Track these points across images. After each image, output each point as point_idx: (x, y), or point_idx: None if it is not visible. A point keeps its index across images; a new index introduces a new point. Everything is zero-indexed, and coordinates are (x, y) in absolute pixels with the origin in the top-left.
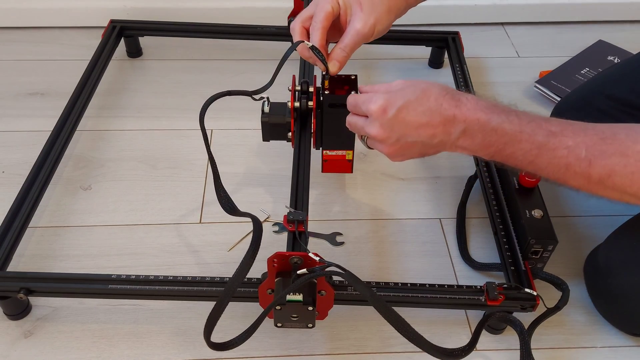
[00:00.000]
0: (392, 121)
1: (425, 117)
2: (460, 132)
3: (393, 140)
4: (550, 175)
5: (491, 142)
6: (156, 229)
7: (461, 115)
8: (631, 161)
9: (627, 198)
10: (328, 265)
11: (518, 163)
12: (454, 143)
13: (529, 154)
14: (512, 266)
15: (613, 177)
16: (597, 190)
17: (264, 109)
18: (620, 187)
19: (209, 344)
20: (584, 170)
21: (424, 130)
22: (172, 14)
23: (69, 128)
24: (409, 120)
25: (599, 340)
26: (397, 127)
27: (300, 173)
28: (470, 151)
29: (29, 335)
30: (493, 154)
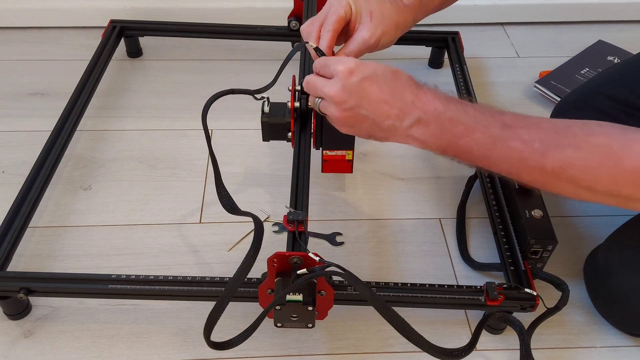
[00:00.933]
0: (354, 86)
1: (386, 95)
2: (414, 120)
3: (348, 106)
4: (504, 169)
5: (445, 133)
6: (156, 229)
7: (419, 102)
8: (585, 154)
9: (581, 192)
10: (328, 265)
11: (471, 157)
12: (406, 131)
13: (483, 147)
14: (512, 266)
15: (567, 169)
16: (552, 184)
17: (264, 109)
18: (574, 180)
19: (208, 343)
20: (538, 162)
21: (380, 107)
22: (172, 14)
23: (69, 128)
24: (370, 92)
25: (599, 340)
26: (356, 94)
27: (300, 173)
28: (422, 142)
29: (29, 335)
30: (446, 146)
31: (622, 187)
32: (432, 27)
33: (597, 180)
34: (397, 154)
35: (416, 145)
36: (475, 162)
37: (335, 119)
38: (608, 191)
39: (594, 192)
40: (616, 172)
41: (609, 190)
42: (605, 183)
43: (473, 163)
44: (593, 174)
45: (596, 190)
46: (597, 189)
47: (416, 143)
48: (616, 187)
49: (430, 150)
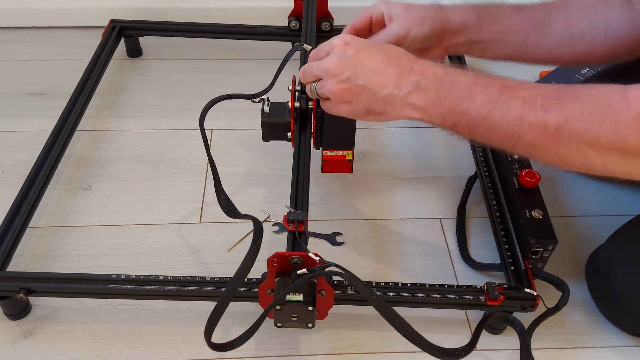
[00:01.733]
0: (351, 58)
1: (383, 64)
2: (414, 84)
3: (344, 77)
4: (504, 132)
5: (445, 98)
6: (156, 229)
7: (418, 68)
8: (587, 105)
9: (585, 151)
10: (328, 265)
11: (470, 121)
12: (404, 99)
13: (482, 108)
14: (512, 266)
15: (569, 123)
16: (553, 144)
17: (264, 109)
18: (577, 134)
19: (209, 344)
20: (539, 119)
21: (377, 75)
22: (172, 14)
23: (69, 128)
24: (366, 62)
25: (599, 340)
26: (352, 65)
27: (300, 173)
28: (421, 110)
29: (29, 335)
30: (445, 113)
31: (626, 136)
32: None
33: (601, 131)
34: (397, 154)
35: (415, 116)
36: (473, 128)
37: (332, 93)
38: (612, 143)
39: (597, 147)
40: (619, 119)
41: (613, 142)
42: (609, 133)
43: (471, 130)
44: (596, 124)
45: (600, 145)
46: (601, 141)
47: (415, 112)
48: (620, 136)
49: (428, 120)
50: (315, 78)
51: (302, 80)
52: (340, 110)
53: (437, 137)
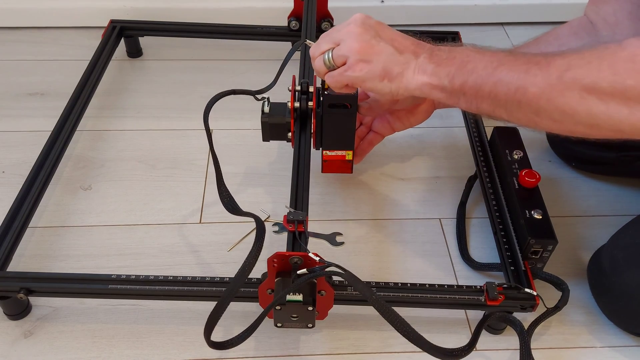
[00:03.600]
0: (373, 24)
1: (401, 35)
2: (429, 50)
3: (367, 37)
4: (510, 84)
5: (454, 58)
6: (156, 229)
7: (431, 44)
8: (586, 54)
9: (587, 98)
10: (328, 265)
11: (478, 79)
12: (418, 64)
13: (489, 65)
14: (512, 266)
15: (570, 69)
16: (556, 93)
17: (264, 109)
18: (578, 79)
19: (208, 343)
20: (543, 69)
21: (396, 42)
22: (172, 14)
23: (69, 128)
24: (387, 30)
25: (599, 340)
26: (374, 29)
27: (300, 173)
28: (431, 73)
29: (29, 335)
30: (454, 73)
31: (625, 76)
32: (432, 27)
33: (600, 74)
34: (397, 154)
35: (426, 80)
36: (481, 86)
37: (352, 50)
38: (612, 85)
39: (599, 93)
40: (616, 61)
41: (612, 84)
42: (607, 75)
43: (479, 88)
44: (595, 68)
45: (601, 90)
46: (601, 85)
47: (427, 75)
48: (619, 76)
49: (437, 83)
50: (333, 44)
51: (313, 52)
52: (356, 70)
53: (437, 137)
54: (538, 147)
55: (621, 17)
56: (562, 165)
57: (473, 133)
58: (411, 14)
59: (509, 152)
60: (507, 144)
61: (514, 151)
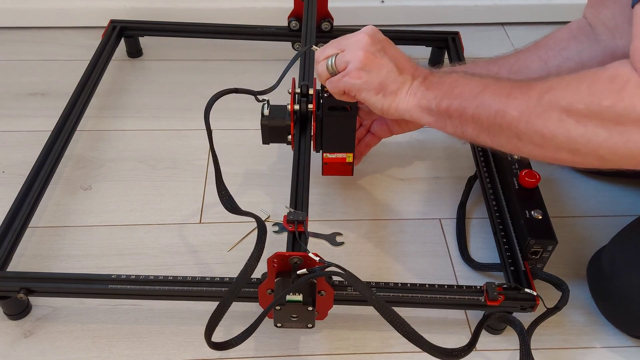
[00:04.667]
0: (382, 39)
1: (403, 57)
2: (423, 77)
3: (374, 49)
4: (491, 107)
5: (444, 83)
6: (156, 229)
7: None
8: (567, 78)
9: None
10: (328, 265)
11: (462, 102)
12: (414, 87)
13: (474, 89)
14: (512, 266)
15: (550, 91)
16: (534, 116)
17: (264, 112)
18: (556, 100)
19: (209, 343)
20: (524, 92)
21: (401, 60)
22: (172, 14)
23: (69, 128)
24: (393, 48)
25: (599, 341)
26: (382, 43)
27: (300, 173)
28: (421, 97)
29: (29, 335)
30: (442, 96)
31: (602, 97)
32: (432, 27)
33: (577, 95)
34: (397, 154)
35: (417, 104)
36: (464, 109)
37: (356, 57)
38: (588, 107)
39: (577, 115)
40: (595, 82)
41: (589, 106)
42: (585, 96)
43: (462, 111)
44: (573, 89)
45: (578, 111)
46: (578, 107)
47: (416, 99)
48: (595, 97)
49: (426, 105)
50: (339, 50)
51: (319, 55)
52: (353, 77)
53: (437, 137)
54: None
55: (620, 21)
56: (562, 165)
57: None
58: (411, 14)
59: None
60: None
61: None
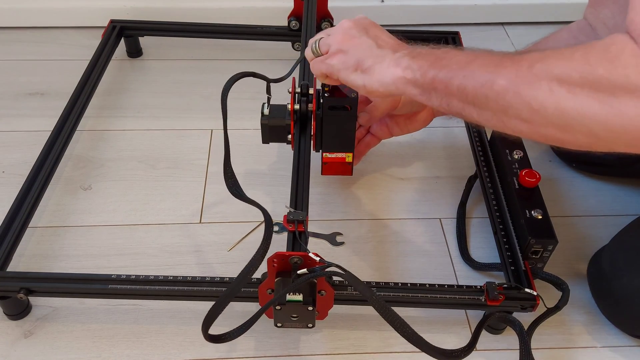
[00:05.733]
0: (367, 23)
1: (389, 37)
2: (409, 49)
3: (353, 31)
4: (479, 78)
5: (432, 54)
6: (156, 229)
7: (418, 47)
8: (561, 49)
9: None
10: (328, 265)
11: (449, 73)
12: (396, 59)
13: (463, 60)
14: (512, 266)
15: (543, 60)
16: (524, 84)
17: (264, 112)
18: (548, 69)
19: (205, 336)
20: (515, 62)
21: (380, 39)
22: (172, 14)
23: (69, 128)
24: (378, 30)
25: (599, 341)
26: (366, 26)
27: (300, 173)
28: (405, 67)
29: (29, 335)
30: (428, 66)
31: (597, 67)
32: (432, 27)
33: (571, 64)
34: (397, 154)
35: (398, 73)
36: (450, 80)
37: (335, 40)
38: (582, 75)
39: (569, 84)
40: (590, 50)
41: (582, 74)
42: (579, 64)
43: (448, 82)
44: (567, 58)
45: (571, 80)
46: (571, 75)
47: (400, 68)
48: (590, 66)
49: (410, 76)
50: (324, 35)
51: (310, 39)
52: (334, 59)
53: (437, 137)
54: (538, 147)
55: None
56: (562, 165)
57: (473, 133)
58: (411, 14)
59: (509, 152)
60: (507, 143)
61: (514, 151)
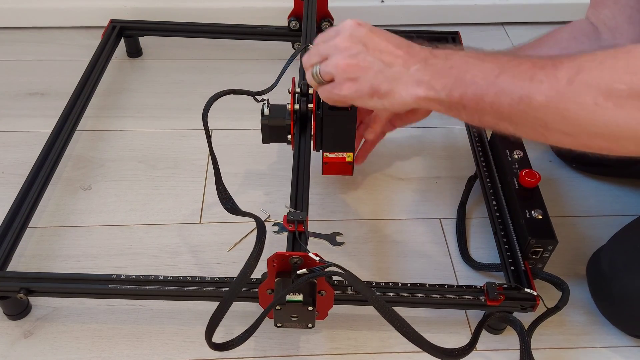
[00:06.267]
0: (362, 35)
1: (393, 44)
2: (422, 60)
3: (354, 52)
4: (513, 94)
5: (452, 68)
6: (156, 229)
7: (428, 49)
8: (599, 56)
9: (603, 104)
10: (328, 265)
11: (478, 90)
12: (412, 76)
13: (490, 73)
14: (512, 266)
15: (582, 72)
16: (566, 100)
17: (264, 112)
18: (592, 82)
19: (209, 344)
20: (550, 74)
21: (387, 54)
22: (172, 14)
23: (69, 128)
24: (377, 40)
25: (599, 341)
26: (364, 41)
27: (300, 175)
28: (426, 85)
29: (29, 335)
30: (452, 85)
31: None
32: (432, 27)
33: (615, 75)
34: (397, 154)
35: (420, 93)
36: (481, 97)
37: (338, 68)
38: (630, 87)
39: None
40: (632, 59)
41: (630, 85)
42: (624, 75)
43: (479, 100)
44: (609, 69)
45: (618, 92)
46: (618, 87)
47: (421, 88)
48: (636, 77)
49: (434, 96)
50: (321, 58)
51: (305, 63)
52: (343, 89)
53: (437, 137)
54: (538, 147)
55: (620, 21)
56: (562, 165)
57: (473, 133)
58: (411, 14)
59: (509, 152)
60: (507, 144)
61: (514, 151)
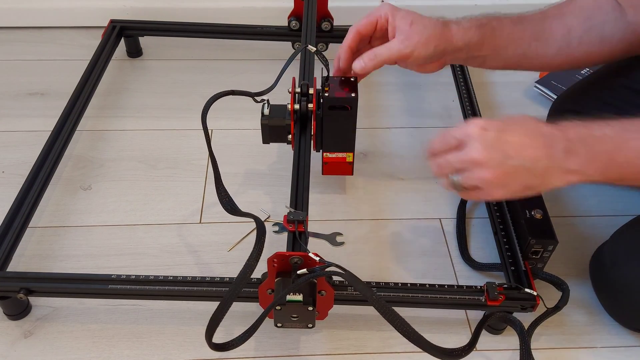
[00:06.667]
0: (494, 140)
1: (527, 137)
2: (562, 150)
3: (496, 162)
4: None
5: (597, 154)
6: (156, 229)
7: (559, 132)
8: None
9: None
10: (328, 265)
11: (635, 168)
12: (560, 167)
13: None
14: (512, 266)
15: None
16: None
17: (264, 112)
18: None
19: (210, 345)
20: None
21: (527, 151)
22: (172, 14)
23: (69, 128)
24: (511, 140)
25: (599, 341)
26: (499, 146)
27: (300, 174)
28: (579, 173)
29: (29, 335)
30: (605, 168)
31: None
32: None
33: None
34: (397, 154)
35: (574, 180)
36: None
37: (487, 182)
38: None
39: None
40: None
41: None
42: None
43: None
44: None
45: None
46: None
47: (574, 176)
48: None
49: (590, 180)
50: (455, 171)
51: (437, 173)
52: (495, 195)
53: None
54: None
55: None
56: None
57: None
58: None
59: None
60: None
61: None
